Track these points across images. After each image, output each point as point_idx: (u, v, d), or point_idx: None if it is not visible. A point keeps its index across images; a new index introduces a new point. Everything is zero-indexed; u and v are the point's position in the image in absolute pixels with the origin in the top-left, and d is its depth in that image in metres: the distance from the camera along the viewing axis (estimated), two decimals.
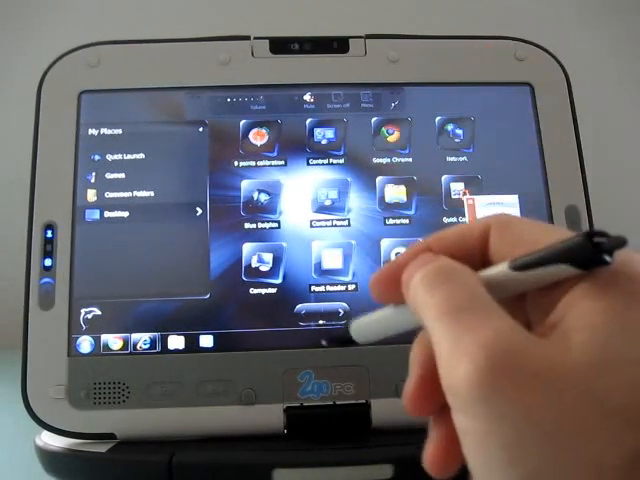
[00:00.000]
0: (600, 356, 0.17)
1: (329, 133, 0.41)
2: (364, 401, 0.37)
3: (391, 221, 0.40)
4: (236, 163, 0.40)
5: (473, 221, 0.21)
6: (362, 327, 0.22)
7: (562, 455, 0.16)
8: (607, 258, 0.17)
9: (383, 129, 0.42)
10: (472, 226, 0.20)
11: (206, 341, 0.38)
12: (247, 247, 0.39)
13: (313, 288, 0.39)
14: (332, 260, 0.39)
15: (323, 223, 0.40)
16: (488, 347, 0.17)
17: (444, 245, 0.20)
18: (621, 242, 0.17)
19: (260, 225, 0.40)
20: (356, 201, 0.40)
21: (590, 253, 0.17)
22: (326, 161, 0.41)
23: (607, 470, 0.16)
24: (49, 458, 0.36)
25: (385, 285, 0.21)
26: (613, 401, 0.16)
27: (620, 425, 0.16)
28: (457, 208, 0.41)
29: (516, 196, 0.41)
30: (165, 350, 0.38)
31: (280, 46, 0.42)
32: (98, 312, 0.38)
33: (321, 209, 0.40)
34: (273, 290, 0.39)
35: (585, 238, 0.17)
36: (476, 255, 0.20)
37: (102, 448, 0.35)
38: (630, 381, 0.17)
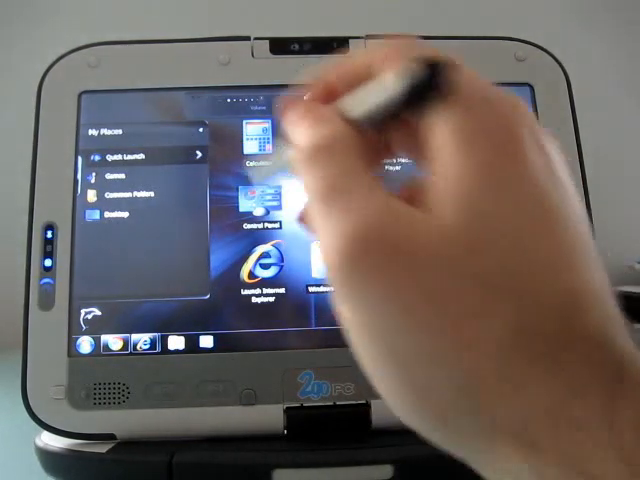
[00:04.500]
0: (472, 225, 0.15)
1: None
2: (364, 401, 0.37)
3: None
4: (236, 163, 0.40)
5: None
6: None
7: (435, 343, 0.15)
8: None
9: None
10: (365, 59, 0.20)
11: (206, 341, 0.38)
12: (247, 247, 0.39)
13: (312, 289, 0.39)
14: None
15: None
16: (358, 226, 0.16)
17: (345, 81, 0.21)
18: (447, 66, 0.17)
19: (260, 225, 0.40)
20: None
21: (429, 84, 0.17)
22: None
23: (483, 356, 0.14)
24: (49, 458, 0.36)
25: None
26: (487, 273, 0.15)
27: (498, 298, 0.15)
28: None
29: None
30: (165, 350, 0.38)
31: (280, 46, 0.42)
32: (98, 312, 0.38)
33: None
34: (273, 290, 0.39)
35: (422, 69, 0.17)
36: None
37: (102, 448, 0.35)
38: (504, 248, 0.15)
